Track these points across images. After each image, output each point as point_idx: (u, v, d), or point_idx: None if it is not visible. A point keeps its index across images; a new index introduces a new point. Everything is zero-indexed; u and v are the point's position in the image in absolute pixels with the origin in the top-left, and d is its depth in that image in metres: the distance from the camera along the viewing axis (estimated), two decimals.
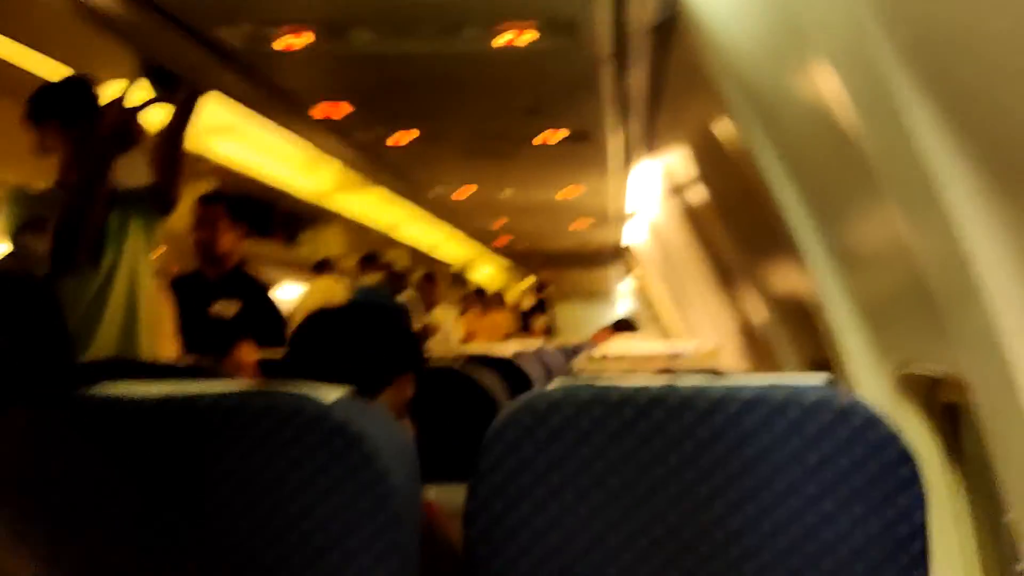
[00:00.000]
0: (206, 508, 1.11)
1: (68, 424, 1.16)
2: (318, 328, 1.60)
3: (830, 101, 1.38)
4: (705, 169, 3.14)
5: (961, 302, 1.15)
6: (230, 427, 1.13)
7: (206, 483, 1.12)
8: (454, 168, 3.86)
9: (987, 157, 0.96)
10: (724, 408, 1.10)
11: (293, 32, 2.03)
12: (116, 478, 1.14)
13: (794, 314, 2.48)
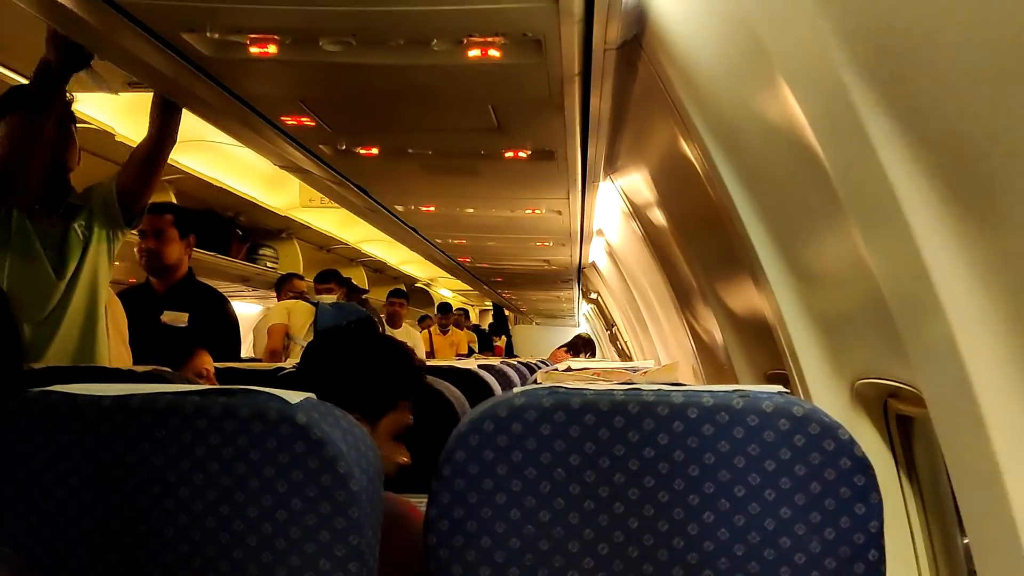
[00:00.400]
0: (163, 509, 1.10)
1: (21, 420, 1.14)
2: (327, 351, 1.66)
3: (790, 118, 1.41)
4: (667, 190, 3.18)
5: (917, 315, 1.18)
6: (189, 428, 1.12)
7: (164, 484, 1.10)
8: (417, 185, 3.85)
9: (944, 170, 0.98)
10: (684, 415, 1.11)
11: (261, 42, 2.02)
12: (70, 476, 1.12)
13: (751, 330, 2.52)
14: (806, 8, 1.18)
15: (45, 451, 1.14)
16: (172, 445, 1.13)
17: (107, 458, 1.14)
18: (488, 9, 1.84)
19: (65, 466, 1.15)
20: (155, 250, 3.25)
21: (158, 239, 3.26)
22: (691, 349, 4.34)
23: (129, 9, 1.88)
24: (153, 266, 3.28)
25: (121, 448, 1.14)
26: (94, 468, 1.14)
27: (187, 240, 3.35)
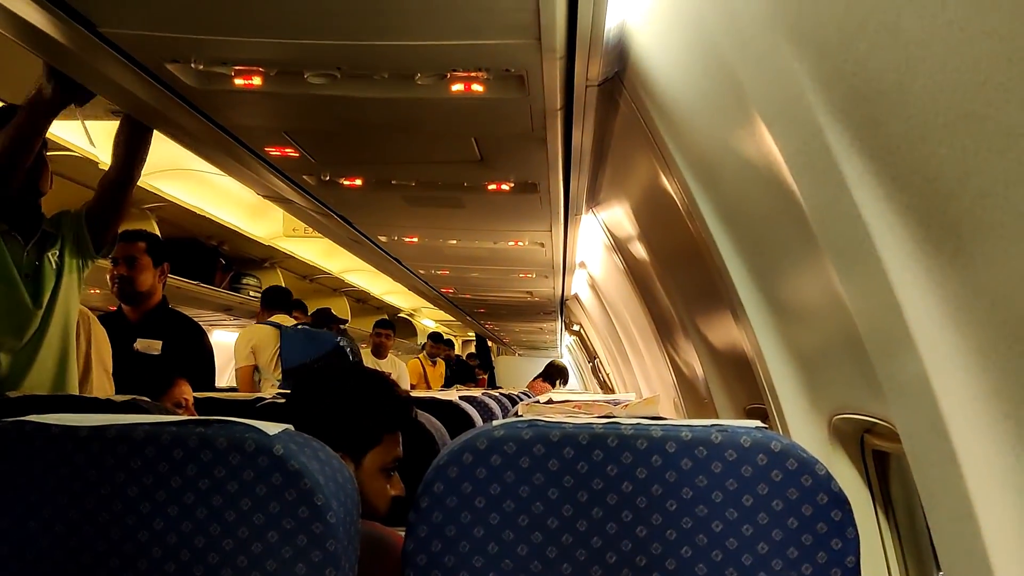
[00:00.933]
0: (137, 541, 1.08)
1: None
2: (306, 389, 1.66)
3: (767, 156, 1.43)
4: (647, 224, 3.21)
5: (891, 350, 1.19)
6: (166, 459, 1.11)
7: (138, 516, 1.09)
8: (400, 216, 3.86)
9: (916, 209, 1.00)
10: (663, 449, 1.12)
11: (246, 73, 2.04)
12: (43, 507, 1.11)
13: (731, 365, 2.53)
14: (783, 51, 1.20)
15: (17, 482, 1.13)
16: (148, 476, 1.12)
17: (80, 489, 1.13)
18: (472, 44, 1.87)
19: (37, 497, 1.13)
20: (128, 277, 3.22)
21: (130, 266, 3.23)
22: (672, 382, 4.35)
23: (114, 39, 1.89)
24: (125, 293, 3.25)
25: (96, 479, 1.13)
26: (68, 499, 1.13)
27: (161, 268, 3.31)
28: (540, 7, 1.64)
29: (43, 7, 1.71)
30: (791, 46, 1.17)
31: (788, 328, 1.87)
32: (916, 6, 0.83)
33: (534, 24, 1.73)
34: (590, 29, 1.80)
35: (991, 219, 0.87)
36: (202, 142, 2.68)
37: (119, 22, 1.81)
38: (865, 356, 1.29)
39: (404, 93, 2.12)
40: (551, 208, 3.53)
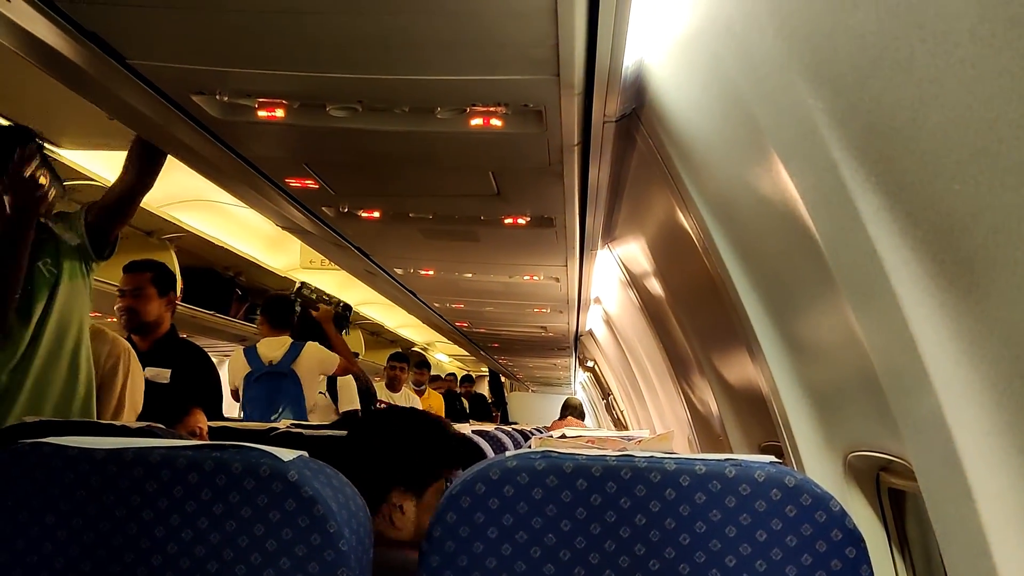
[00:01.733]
0: (150, 565, 1.09)
1: (13, 470, 1.14)
2: (372, 429, 1.72)
3: (783, 192, 1.44)
4: (663, 260, 3.22)
5: (906, 387, 1.19)
6: (181, 483, 1.12)
7: (152, 539, 1.10)
8: (417, 248, 3.89)
9: (930, 245, 1.01)
10: (676, 482, 1.11)
11: (269, 106, 2.07)
12: (58, 529, 1.12)
13: (746, 402, 2.52)
14: (798, 88, 1.22)
15: (34, 503, 1.14)
16: (163, 500, 1.13)
17: (96, 511, 1.14)
18: (492, 80, 1.89)
19: (53, 518, 1.14)
20: (134, 308, 3.24)
21: (136, 297, 3.24)
22: (687, 420, 4.33)
23: (142, 71, 1.93)
24: (132, 324, 3.26)
25: (112, 501, 1.14)
26: (83, 521, 1.14)
27: (167, 297, 3.32)
28: (560, 44, 1.67)
29: (74, 39, 1.76)
30: (806, 83, 1.19)
31: (803, 364, 1.87)
32: (929, 44, 0.85)
33: (553, 60, 1.76)
34: (608, 66, 1.83)
35: (1004, 254, 0.87)
36: (224, 173, 2.72)
37: (148, 54, 1.86)
38: (880, 392, 1.29)
39: (424, 127, 2.15)
40: (567, 243, 3.55)
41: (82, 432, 1.44)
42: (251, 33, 1.72)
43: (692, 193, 2.12)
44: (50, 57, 1.86)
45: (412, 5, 1.56)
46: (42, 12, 1.66)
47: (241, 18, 1.64)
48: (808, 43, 1.15)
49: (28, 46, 1.84)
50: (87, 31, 1.75)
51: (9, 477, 1.15)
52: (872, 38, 0.98)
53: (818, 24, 1.11)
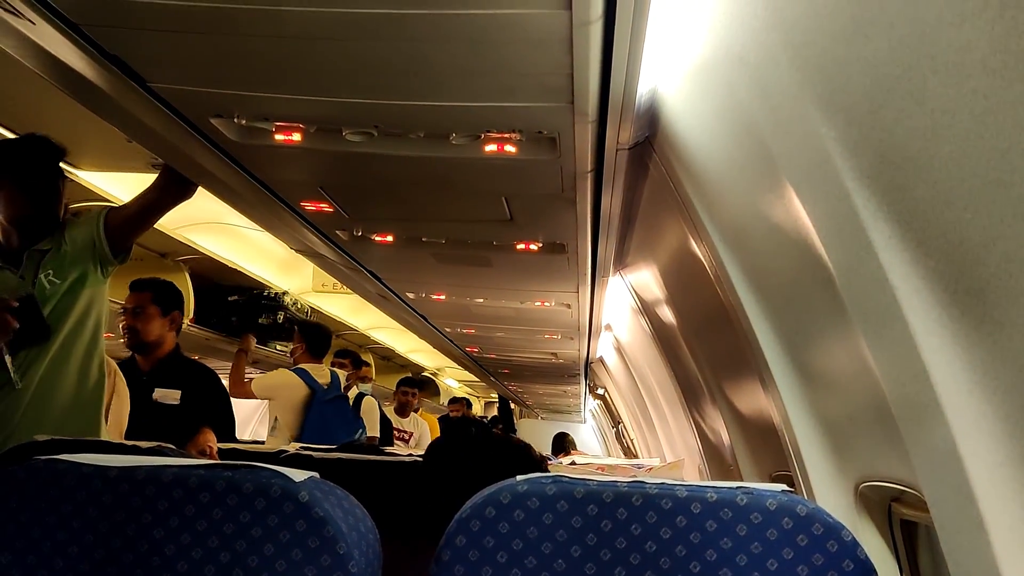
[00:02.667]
0: None
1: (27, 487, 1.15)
2: (455, 452, 1.70)
3: (796, 221, 1.45)
4: (675, 287, 3.22)
5: (918, 416, 1.19)
6: (192, 502, 1.13)
7: (162, 557, 1.10)
8: (429, 273, 3.90)
9: (942, 274, 1.01)
10: (687, 509, 1.11)
11: (286, 129, 2.10)
12: (69, 546, 1.12)
13: (757, 431, 2.51)
14: (811, 117, 1.23)
15: (47, 519, 1.15)
16: (174, 518, 1.13)
17: (107, 529, 1.14)
18: (506, 107, 1.91)
19: (65, 534, 1.15)
20: (135, 327, 3.23)
21: (137, 316, 3.24)
22: (697, 448, 4.31)
23: (162, 94, 1.96)
24: (134, 343, 3.26)
25: (122, 519, 1.14)
26: (95, 538, 1.14)
27: (170, 316, 3.31)
28: (574, 72, 1.69)
29: (97, 61, 1.79)
30: (819, 112, 1.19)
31: (815, 394, 1.86)
32: (941, 75, 0.86)
33: (568, 88, 1.78)
34: (622, 94, 1.84)
35: (1017, 284, 0.87)
36: (240, 195, 2.75)
37: (168, 78, 1.89)
38: (892, 422, 1.28)
39: (438, 152, 2.16)
40: (579, 269, 3.55)
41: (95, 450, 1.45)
42: (270, 58, 1.74)
43: (704, 221, 2.13)
44: (73, 79, 1.89)
45: (431, 32, 1.58)
46: (66, 35, 1.69)
47: (261, 43, 1.67)
48: (821, 73, 1.16)
49: (51, 68, 1.87)
50: (109, 54, 1.78)
51: (24, 493, 1.16)
52: (885, 68, 0.98)
53: (831, 54, 1.13)
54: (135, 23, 1.63)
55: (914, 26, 0.90)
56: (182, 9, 1.54)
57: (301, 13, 1.53)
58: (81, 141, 3.05)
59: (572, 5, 1.44)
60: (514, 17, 1.51)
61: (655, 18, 1.58)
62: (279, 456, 2.78)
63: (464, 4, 1.47)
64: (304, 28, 1.59)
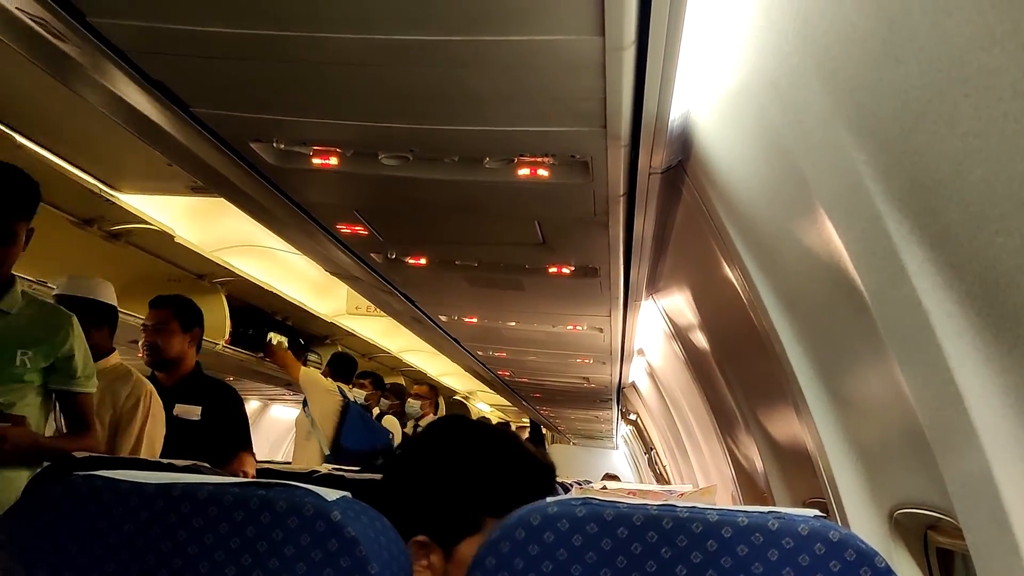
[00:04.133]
0: None
1: (65, 503, 1.17)
2: (397, 459, 1.38)
3: (828, 244, 1.44)
4: (708, 312, 3.20)
5: (952, 442, 1.17)
6: (227, 519, 1.14)
7: (197, 573, 1.12)
8: (461, 296, 3.92)
9: (975, 298, 1.01)
10: (719, 533, 1.10)
11: (324, 153, 2.13)
12: (106, 562, 1.14)
13: (791, 458, 2.48)
14: (843, 141, 1.23)
15: (83, 535, 1.16)
16: (208, 535, 1.14)
17: (142, 545, 1.16)
18: (540, 131, 1.93)
19: (101, 551, 1.16)
20: (156, 344, 3.19)
21: (158, 333, 3.20)
22: (731, 475, 4.26)
23: (204, 119, 2.01)
24: (154, 360, 3.21)
25: (158, 535, 1.15)
26: (130, 554, 1.16)
27: (192, 333, 3.27)
28: (607, 96, 1.70)
29: (141, 87, 1.84)
30: (851, 137, 1.20)
31: (849, 419, 1.84)
32: (972, 99, 0.86)
33: (600, 113, 1.79)
34: (655, 118, 1.85)
35: None
36: (277, 218, 2.79)
37: (210, 103, 1.93)
38: (927, 448, 1.27)
39: (472, 176, 2.19)
40: (611, 293, 3.55)
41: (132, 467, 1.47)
42: (309, 83, 1.78)
43: (737, 245, 2.12)
44: (116, 103, 1.94)
45: (466, 58, 1.60)
46: (111, 61, 1.74)
47: (300, 68, 1.71)
48: (852, 97, 1.17)
49: (96, 93, 1.93)
50: (153, 80, 1.83)
51: (62, 509, 1.18)
52: (916, 92, 0.99)
53: (863, 79, 1.13)
54: (178, 50, 1.68)
55: (944, 50, 0.90)
56: (224, 36, 1.58)
57: (340, 40, 1.56)
58: (123, 164, 3.13)
59: (605, 31, 1.46)
60: (548, 43, 1.53)
61: (687, 43, 1.60)
62: (312, 476, 2.80)
63: (499, 30, 1.50)
64: (343, 54, 1.62)
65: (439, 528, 1.27)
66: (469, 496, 1.29)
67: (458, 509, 1.28)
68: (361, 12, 1.47)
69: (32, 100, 2.55)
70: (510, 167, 2.12)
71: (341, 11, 1.48)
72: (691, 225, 2.55)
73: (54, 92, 2.19)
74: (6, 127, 2.70)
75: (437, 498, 1.28)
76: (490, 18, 1.46)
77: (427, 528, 1.24)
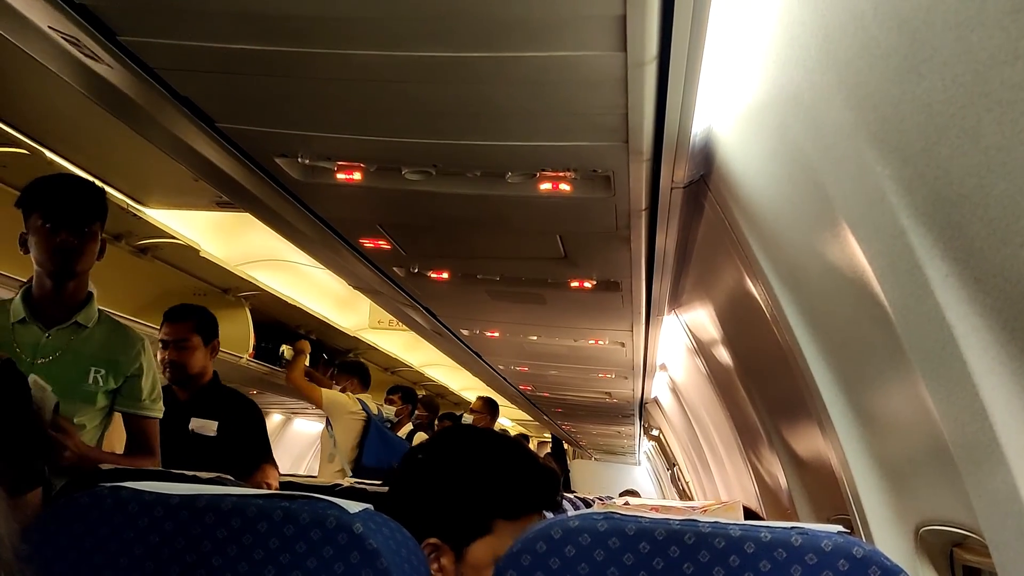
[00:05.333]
0: None
1: (91, 513, 1.18)
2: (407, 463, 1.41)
3: (852, 259, 1.44)
4: (731, 327, 3.19)
5: (978, 458, 1.16)
6: (250, 531, 1.15)
7: None
8: (483, 310, 3.93)
9: (999, 312, 1.00)
10: (741, 549, 1.10)
11: (348, 168, 2.15)
12: (132, 572, 1.15)
13: (815, 475, 2.46)
14: (866, 156, 1.22)
15: (109, 546, 1.18)
16: (232, 546, 1.15)
17: (168, 555, 1.17)
18: (562, 146, 1.94)
19: (127, 561, 1.17)
20: (178, 362, 3.01)
21: (181, 350, 3.02)
22: (754, 492, 4.23)
23: (229, 134, 2.03)
24: (178, 378, 3.03)
25: (183, 546, 1.16)
26: (155, 565, 1.16)
27: (212, 345, 3.11)
28: (629, 111, 1.71)
29: (168, 102, 1.86)
30: (874, 151, 1.19)
31: (873, 435, 1.83)
32: (995, 113, 0.85)
33: (622, 127, 1.80)
34: (677, 133, 1.86)
35: None
36: (301, 233, 2.81)
37: (236, 118, 1.96)
38: (952, 464, 1.25)
39: (494, 190, 2.20)
40: (633, 308, 3.54)
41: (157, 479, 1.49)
42: (334, 99, 1.80)
43: (760, 260, 2.11)
44: (144, 119, 1.97)
45: (490, 74, 1.62)
46: (139, 77, 1.77)
47: (326, 85, 1.73)
48: (875, 112, 1.16)
49: (125, 110, 1.96)
50: (181, 96, 1.85)
51: (88, 520, 1.19)
52: (939, 107, 0.98)
53: (885, 93, 1.13)
54: (206, 67, 1.70)
55: (968, 64, 0.90)
56: (250, 53, 1.61)
57: (366, 56, 1.58)
58: (149, 179, 3.17)
59: (627, 47, 1.46)
60: (571, 59, 1.54)
61: (709, 59, 1.60)
62: (334, 489, 2.80)
63: (522, 47, 1.51)
64: (367, 71, 1.64)
65: (450, 530, 1.29)
66: (480, 498, 1.32)
67: (469, 511, 1.31)
68: (386, 29, 1.49)
69: (62, 117, 2.59)
70: (532, 182, 2.13)
71: (366, 28, 1.49)
72: (713, 240, 2.55)
73: (83, 109, 2.23)
74: (37, 143, 2.75)
75: (449, 501, 1.31)
76: (513, 35, 1.48)
77: (438, 530, 1.27)
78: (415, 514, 1.25)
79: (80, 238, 2.11)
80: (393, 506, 1.20)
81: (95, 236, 2.17)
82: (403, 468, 1.39)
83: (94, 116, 2.23)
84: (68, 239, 2.09)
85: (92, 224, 2.14)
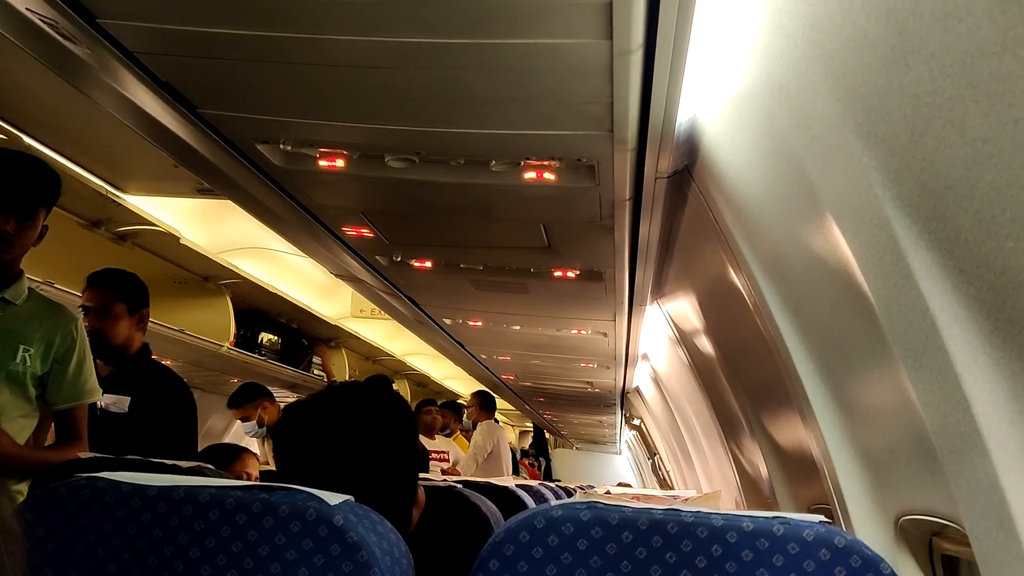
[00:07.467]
0: None
1: (67, 504, 1.17)
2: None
3: (836, 250, 1.44)
4: (714, 317, 3.20)
5: (960, 450, 1.17)
6: (228, 523, 1.14)
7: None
8: (466, 299, 3.92)
9: (983, 303, 1.00)
10: (723, 538, 1.10)
11: (330, 155, 2.13)
12: (108, 563, 1.14)
13: (795, 464, 2.48)
14: (852, 147, 1.22)
15: (88, 536, 1.16)
16: (210, 538, 1.14)
17: (145, 547, 1.15)
18: (546, 135, 1.93)
19: (104, 552, 1.16)
20: (99, 330, 2.70)
21: (101, 316, 2.72)
22: (735, 481, 4.25)
23: (210, 120, 2.01)
24: (98, 349, 2.64)
25: (160, 538, 1.15)
26: (133, 556, 1.15)
27: (139, 314, 2.79)
28: (614, 100, 1.70)
29: (149, 88, 1.84)
30: (860, 142, 1.19)
31: (855, 425, 1.83)
32: (982, 104, 0.85)
33: (607, 116, 1.79)
34: (662, 123, 1.85)
35: None
36: (283, 220, 2.79)
37: (217, 104, 1.93)
38: (933, 454, 1.26)
39: (478, 179, 2.19)
40: (615, 297, 3.55)
41: (136, 469, 1.47)
42: (316, 85, 1.78)
43: (743, 250, 2.11)
44: (124, 105, 1.94)
45: (473, 61, 1.60)
46: (120, 62, 1.74)
47: (307, 71, 1.71)
48: (862, 103, 1.16)
49: (104, 94, 1.93)
50: (162, 81, 1.83)
51: (65, 511, 1.18)
52: (925, 97, 0.98)
53: (872, 84, 1.12)
54: (186, 51, 1.68)
55: (955, 56, 0.90)
56: (232, 38, 1.58)
57: (347, 42, 1.56)
58: (130, 166, 3.13)
59: (613, 35, 1.45)
60: (555, 46, 1.53)
61: (695, 48, 1.59)
62: None
63: (506, 34, 1.50)
64: (350, 56, 1.62)
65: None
66: None
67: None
68: (368, 15, 1.47)
69: (40, 101, 2.56)
70: (516, 170, 2.12)
71: (348, 14, 1.48)
72: (697, 230, 2.55)
73: (62, 93, 2.20)
74: (15, 128, 2.71)
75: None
76: (497, 21, 1.46)
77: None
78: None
79: (16, 222, 2.00)
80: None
81: (34, 220, 2.04)
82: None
83: (73, 101, 2.20)
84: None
85: (31, 206, 2.02)
